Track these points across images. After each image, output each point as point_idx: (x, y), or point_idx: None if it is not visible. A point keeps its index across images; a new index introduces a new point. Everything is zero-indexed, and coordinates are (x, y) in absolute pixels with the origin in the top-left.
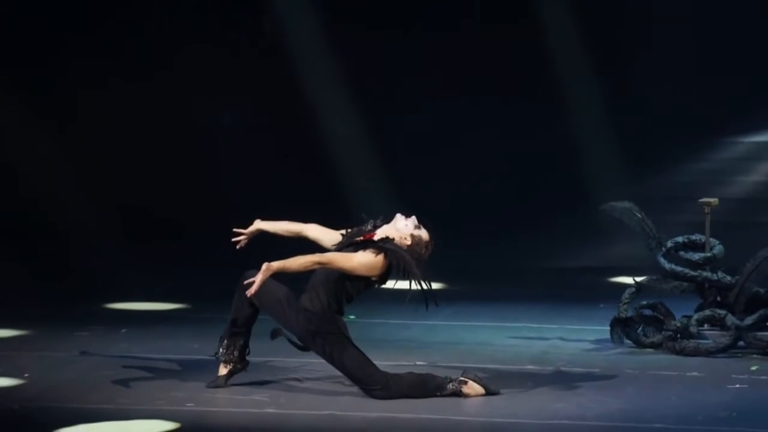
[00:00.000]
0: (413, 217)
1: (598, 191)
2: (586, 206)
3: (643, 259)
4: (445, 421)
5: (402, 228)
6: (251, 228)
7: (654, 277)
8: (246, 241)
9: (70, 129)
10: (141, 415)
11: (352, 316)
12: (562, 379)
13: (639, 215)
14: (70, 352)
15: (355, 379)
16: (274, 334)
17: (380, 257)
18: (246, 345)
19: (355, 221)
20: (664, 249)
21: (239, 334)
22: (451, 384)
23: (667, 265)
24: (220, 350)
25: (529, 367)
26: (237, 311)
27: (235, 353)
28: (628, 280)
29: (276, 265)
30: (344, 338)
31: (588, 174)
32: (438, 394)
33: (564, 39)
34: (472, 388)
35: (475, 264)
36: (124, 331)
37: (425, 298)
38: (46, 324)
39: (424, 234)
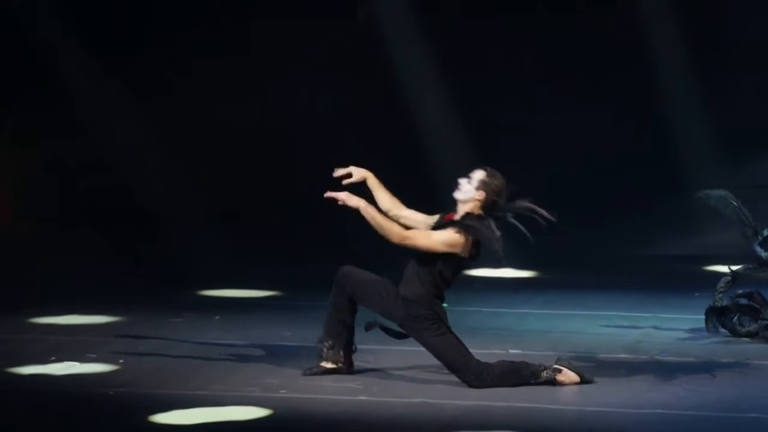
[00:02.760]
0: (458, 181)
1: (694, 179)
2: (681, 194)
3: (739, 248)
4: (539, 410)
5: (465, 197)
6: (361, 172)
7: (750, 266)
8: (347, 175)
9: (165, 113)
10: (234, 402)
11: (445, 304)
12: (656, 369)
13: (735, 203)
14: (164, 338)
15: (451, 366)
16: (369, 327)
17: (460, 234)
18: (351, 343)
19: (443, 207)
20: (760, 237)
21: (347, 334)
22: (545, 372)
23: (764, 254)
24: (325, 350)
25: (623, 356)
26: (338, 309)
27: (341, 352)
28: (723, 268)
29: (368, 208)
30: (443, 325)
31: (683, 161)
32: (532, 381)
33: (661, 22)
34: (567, 375)
35: (568, 252)
36: (217, 318)
37: (499, 259)
38: (140, 310)
39: (479, 175)
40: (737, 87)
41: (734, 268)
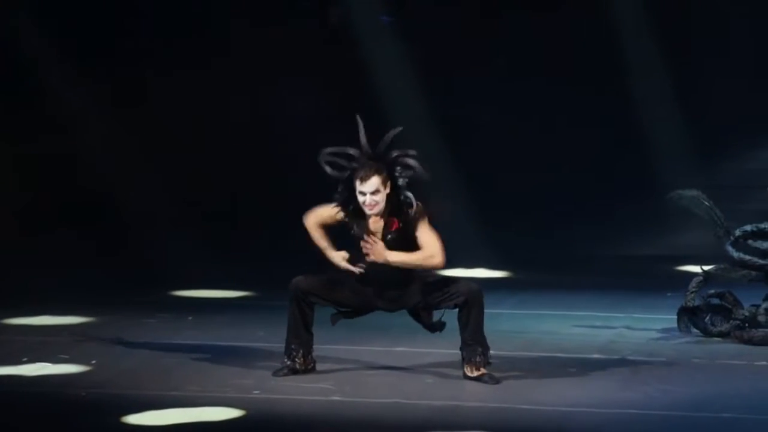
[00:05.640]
0: (363, 201)
1: (666, 179)
2: (653, 195)
3: (711, 248)
4: (511, 410)
5: (379, 209)
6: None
7: (722, 266)
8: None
9: (138, 114)
10: (208, 402)
11: None
12: (629, 369)
13: (707, 203)
14: (137, 339)
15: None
16: (335, 320)
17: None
18: (312, 345)
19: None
20: (732, 237)
21: (310, 338)
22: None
23: (735, 254)
24: (297, 362)
25: (595, 356)
26: (300, 318)
27: (309, 356)
28: (695, 268)
29: (393, 256)
30: None
31: (656, 162)
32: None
33: (634, 26)
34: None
35: (541, 252)
36: (190, 318)
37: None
38: (113, 311)
39: (375, 181)
40: (709, 88)
41: (706, 268)
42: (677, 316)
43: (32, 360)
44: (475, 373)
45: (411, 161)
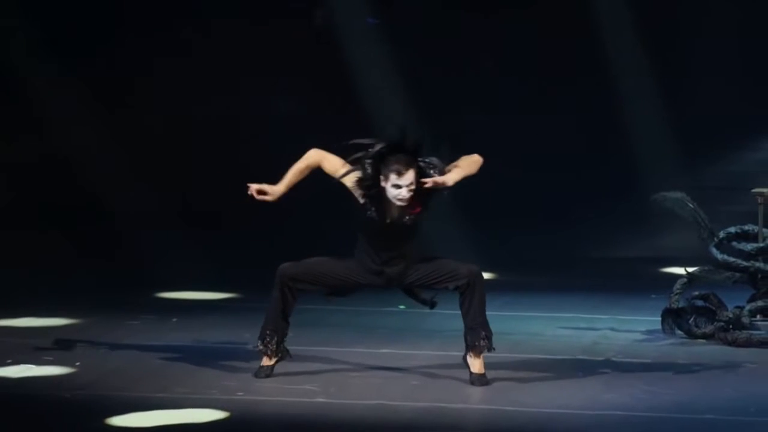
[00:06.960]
0: (400, 194)
1: (651, 181)
2: (638, 196)
3: (695, 250)
4: (495, 411)
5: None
6: (273, 190)
7: (706, 268)
8: (260, 195)
9: (124, 114)
10: (192, 404)
11: (402, 306)
12: (613, 370)
13: (691, 205)
14: (121, 340)
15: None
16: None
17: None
18: (286, 334)
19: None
20: (716, 239)
21: (286, 327)
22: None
23: (720, 256)
24: (270, 348)
25: (580, 357)
26: (282, 305)
27: (282, 344)
28: (679, 270)
29: (452, 177)
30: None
31: (640, 163)
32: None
33: (619, 26)
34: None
35: (526, 254)
36: (175, 320)
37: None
38: (97, 313)
39: (411, 176)
40: (694, 88)
41: (690, 270)
42: (661, 318)
43: (17, 361)
44: (477, 362)
45: (435, 160)
